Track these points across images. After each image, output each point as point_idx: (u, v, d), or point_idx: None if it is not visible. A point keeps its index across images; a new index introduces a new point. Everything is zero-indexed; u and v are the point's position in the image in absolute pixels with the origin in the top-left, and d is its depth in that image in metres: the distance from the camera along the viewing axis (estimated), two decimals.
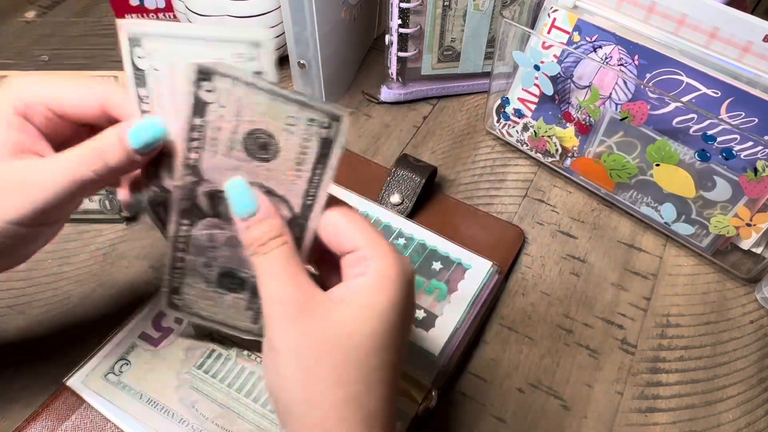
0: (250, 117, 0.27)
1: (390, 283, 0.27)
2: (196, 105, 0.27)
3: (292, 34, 0.56)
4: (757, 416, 0.42)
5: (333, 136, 0.27)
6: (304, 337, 0.26)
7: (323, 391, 0.26)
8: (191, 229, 0.31)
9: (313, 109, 0.27)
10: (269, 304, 0.27)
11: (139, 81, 0.29)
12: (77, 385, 0.38)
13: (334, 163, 0.28)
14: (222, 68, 0.26)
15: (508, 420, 0.41)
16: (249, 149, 0.28)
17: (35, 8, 0.75)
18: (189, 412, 0.37)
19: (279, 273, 0.27)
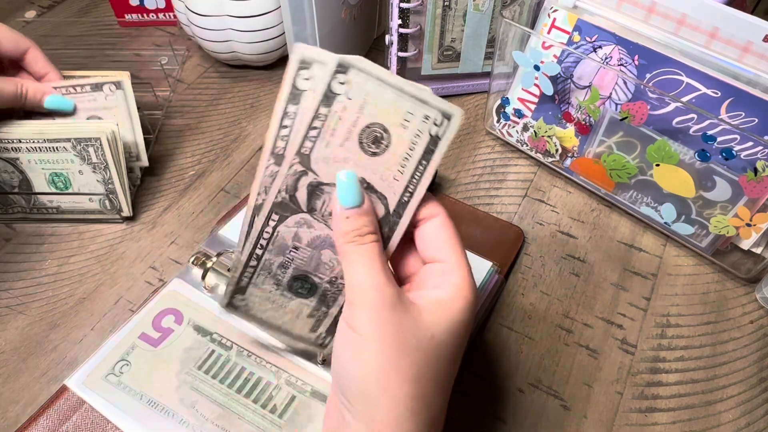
0: (372, 111, 0.28)
1: (464, 303, 0.29)
2: (326, 95, 0.28)
3: (292, 34, 0.56)
4: (757, 416, 0.42)
5: (442, 133, 0.28)
6: (393, 329, 0.27)
7: (402, 383, 0.26)
8: (278, 225, 0.31)
9: (430, 106, 0.28)
10: (362, 290, 0.28)
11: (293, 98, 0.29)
12: (77, 385, 0.38)
13: (437, 159, 0.29)
14: (361, 63, 0.28)
15: (508, 420, 0.41)
16: (362, 142, 0.29)
17: (35, 8, 0.75)
18: (189, 412, 0.37)
19: (375, 263, 0.29)
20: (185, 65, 0.67)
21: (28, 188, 0.49)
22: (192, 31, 0.62)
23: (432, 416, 0.27)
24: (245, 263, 0.33)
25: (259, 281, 0.34)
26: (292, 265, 0.33)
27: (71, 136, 0.46)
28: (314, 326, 0.35)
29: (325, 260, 0.32)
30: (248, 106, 0.63)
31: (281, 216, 0.31)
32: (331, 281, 0.33)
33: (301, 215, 0.31)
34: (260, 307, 0.35)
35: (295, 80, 0.28)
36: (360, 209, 0.29)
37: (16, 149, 0.47)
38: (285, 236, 0.32)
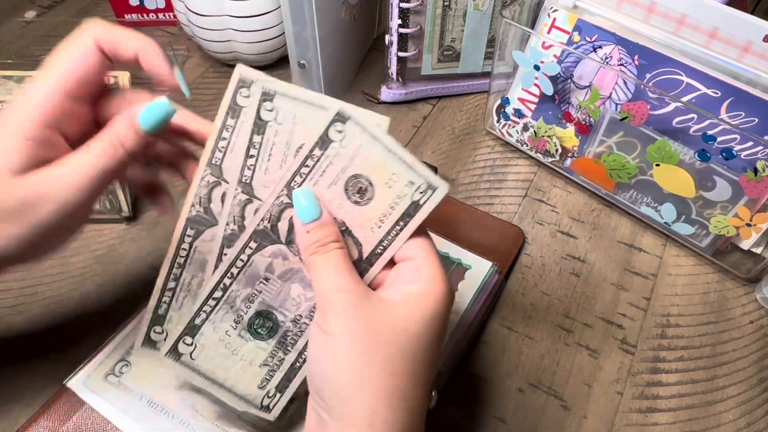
0: (361, 163, 0.30)
1: (438, 294, 0.29)
2: (322, 139, 0.30)
3: (292, 34, 0.56)
4: (757, 416, 0.42)
5: (423, 202, 0.29)
6: (363, 325, 0.27)
7: (375, 377, 0.27)
8: (254, 254, 0.32)
9: (416, 173, 0.29)
10: (329, 292, 0.28)
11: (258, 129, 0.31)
12: (78, 386, 0.38)
13: (413, 226, 0.30)
14: (359, 116, 0.29)
15: (508, 420, 0.41)
16: (347, 189, 0.30)
17: (35, 8, 0.75)
18: (189, 413, 0.37)
19: (339, 267, 0.29)
20: (185, 65, 0.67)
21: None
22: (192, 31, 0.62)
23: (410, 408, 0.27)
24: (209, 294, 0.32)
25: (218, 317, 0.32)
26: (258, 299, 0.32)
27: None
28: (264, 380, 0.33)
29: (293, 295, 0.32)
30: None
31: (259, 244, 0.32)
32: (295, 320, 0.32)
33: (279, 246, 0.32)
34: (208, 355, 0.33)
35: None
36: (319, 221, 0.30)
37: None
38: (259, 265, 0.32)
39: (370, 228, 0.30)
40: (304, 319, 0.32)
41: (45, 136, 0.30)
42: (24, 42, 0.69)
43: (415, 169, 0.29)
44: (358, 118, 0.29)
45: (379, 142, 0.29)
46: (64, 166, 0.30)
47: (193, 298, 0.33)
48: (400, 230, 0.30)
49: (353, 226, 0.31)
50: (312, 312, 0.32)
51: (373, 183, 0.30)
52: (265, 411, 0.33)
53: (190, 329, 0.33)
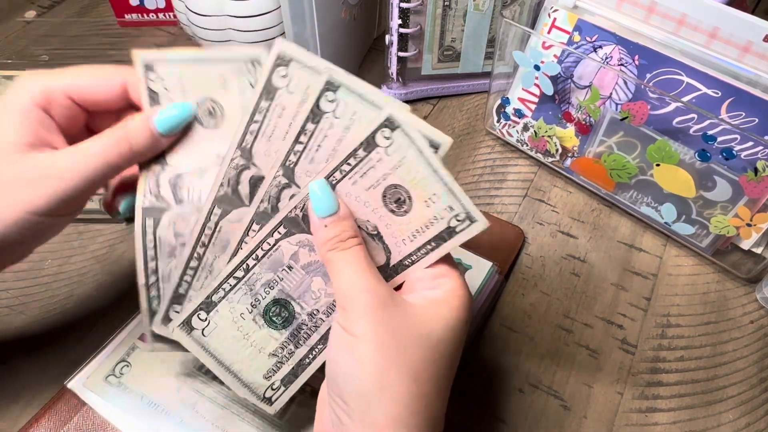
0: (403, 175, 0.29)
1: (460, 303, 0.29)
2: (368, 142, 0.29)
3: (292, 34, 0.56)
4: (757, 416, 0.42)
5: (460, 230, 0.29)
6: (389, 328, 0.27)
7: (400, 382, 0.26)
8: (282, 239, 0.31)
9: (458, 200, 0.29)
10: (352, 292, 0.28)
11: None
12: (78, 387, 0.38)
13: (444, 250, 0.29)
14: (409, 129, 0.28)
15: (508, 420, 0.41)
16: (385, 196, 0.29)
17: (35, 8, 0.75)
18: (189, 413, 0.37)
19: (361, 264, 0.28)
20: None
21: None
22: (192, 31, 0.62)
23: (432, 416, 0.27)
24: (231, 272, 0.32)
25: (236, 297, 0.32)
26: (278, 286, 0.32)
27: None
28: (271, 371, 0.32)
29: (314, 288, 0.32)
30: None
31: (288, 231, 0.31)
32: (311, 314, 0.32)
33: (307, 236, 0.31)
34: (219, 335, 0.32)
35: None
36: (337, 215, 0.29)
37: None
38: (284, 252, 0.31)
39: (402, 239, 0.30)
40: (321, 315, 0.32)
41: (40, 117, 0.30)
42: (24, 42, 0.69)
43: (456, 195, 0.29)
44: (408, 129, 0.28)
45: (425, 159, 0.28)
46: (72, 149, 0.30)
47: (215, 275, 0.33)
48: (431, 250, 0.30)
49: (385, 234, 0.30)
50: (330, 309, 0.32)
51: (412, 197, 0.29)
52: (267, 403, 0.33)
53: (206, 305, 0.32)
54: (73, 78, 0.31)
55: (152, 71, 0.29)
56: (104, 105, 0.33)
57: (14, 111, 0.30)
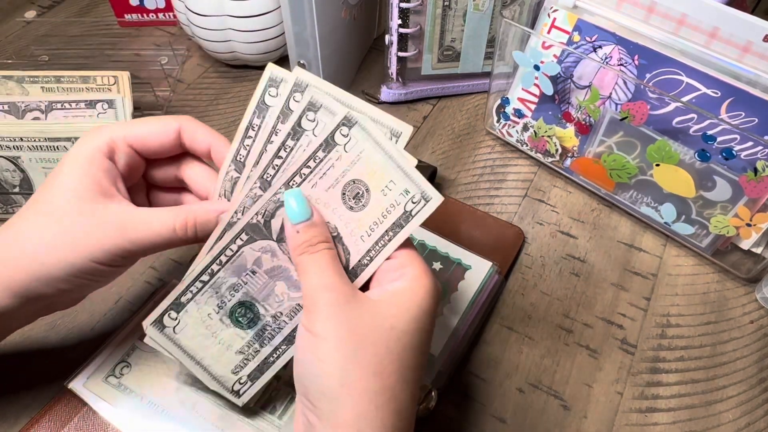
0: (361, 168, 0.30)
1: (424, 291, 0.29)
2: (326, 142, 0.30)
3: (292, 34, 0.56)
4: (757, 416, 0.42)
5: (416, 212, 0.29)
6: (349, 325, 0.27)
7: (362, 378, 0.26)
8: (245, 246, 0.32)
9: (413, 182, 0.29)
10: (315, 292, 0.28)
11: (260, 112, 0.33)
12: (78, 387, 0.38)
13: (402, 237, 0.30)
14: (366, 123, 0.29)
15: (508, 420, 0.41)
16: (344, 194, 0.30)
17: (35, 8, 0.75)
18: (189, 414, 0.37)
19: (328, 267, 0.29)
20: (185, 65, 0.67)
21: (29, 188, 0.49)
22: (192, 31, 0.62)
23: (398, 408, 0.27)
24: (196, 276, 0.33)
25: (203, 299, 0.33)
26: (242, 289, 0.33)
27: (72, 135, 0.46)
28: (238, 366, 0.34)
29: (277, 292, 0.33)
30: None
31: (250, 237, 0.32)
32: (275, 316, 0.33)
33: (269, 242, 0.32)
34: (188, 332, 0.34)
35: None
36: (309, 222, 0.30)
37: (18, 147, 0.47)
38: (247, 257, 0.32)
39: (360, 236, 0.30)
40: (284, 318, 0.33)
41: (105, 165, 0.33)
42: (24, 42, 0.69)
43: (411, 177, 0.29)
44: (366, 124, 0.29)
45: (381, 148, 0.29)
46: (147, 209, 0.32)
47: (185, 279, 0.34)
48: (389, 240, 0.30)
49: (344, 233, 0.31)
50: (293, 312, 0.33)
51: (370, 189, 0.30)
52: (235, 395, 0.35)
53: (176, 305, 0.33)
54: (133, 127, 0.34)
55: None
56: (161, 152, 0.35)
57: (81, 160, 0.32)
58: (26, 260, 0.31)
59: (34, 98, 0.50)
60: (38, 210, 0.32)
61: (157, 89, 0.62)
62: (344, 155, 0.30)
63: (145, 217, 0.32)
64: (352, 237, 0.31)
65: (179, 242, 0.32)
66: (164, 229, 0.32)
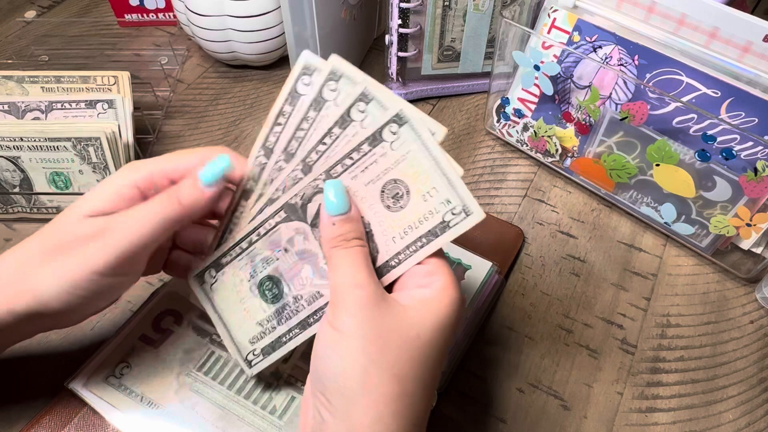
0: (405, 169, 0.29)
1: (450, 301, 0.29)
2: (374, 137, 0.29)
3: (292, 34, 0.56)
4: (757, 416, 0.42)
5: (454, 224, 0.29)
6: (375, 326, 0.27)
7: (384, 382, 0.26)
8: (282, 223, 0.33)
9: (456, 192, 0.29)
10: (345, 288, 0.28)
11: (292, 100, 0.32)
12: (79, 388, 0.38)
13: (435, 246, 0.29)
14: (417, 124, 0.29)
15: (508, 420, 0.41)
16: (383, 191, 0.30)
17: (35, 8, 0.75)
18: (189, 414, 0.37)
19: (360, 265, 0.29)
20: (185, 65, 0.67)
21: (29, 188, 0.49)
22: (192, 31, 0.62)
23: (414, 416, 0.27)
24: (237, 242, 0.34)
25: (239, 265, 0.35)
26: (273, 264, 0.34)
27: (71, 136, 0.46)
28: (255, 338, 0.35)
29: (303, 275, 0.33)
30: (248, 106, 0.63)
31: (287, 216, 0.32)
32: (296, 297, 0.33)
33: (303, 225, 0.32)
34: (223, 293, 0.35)
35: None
36: (346, 216, 0.30)
37: (18, 147, 0.47)
38: (282, 235, 0.33)
39: (392, 237, 0.30)
40: (303, 301, 0.33)
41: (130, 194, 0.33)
42: (24, 42, 0.69)
43: (455, 187, 0.29)
44: (416, 123, 0.29)
45: (429, 152, 0.29)
46: (127, 213, 0.32)
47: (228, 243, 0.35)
48: (421, 247, 0.30)
49: (377, 231, 0.30)
50: (312, 298, 0.33)
51: (411, 192, 0.29)
52: (247, 365, 0.36)
53: (216, 264, 0.35)
54: (176, 160, 0.34)
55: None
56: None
57: (111, 185, 0.33)
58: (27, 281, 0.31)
59: (34, 98, 0.50)
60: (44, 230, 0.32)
61: (157, 89, 0.62)
62: (390, 153, 0.29)
63: (133, 210, 0.32)
64: (384, 236, 0.30)
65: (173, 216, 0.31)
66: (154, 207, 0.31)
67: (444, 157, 0.29)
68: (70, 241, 0.31)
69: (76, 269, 0.30)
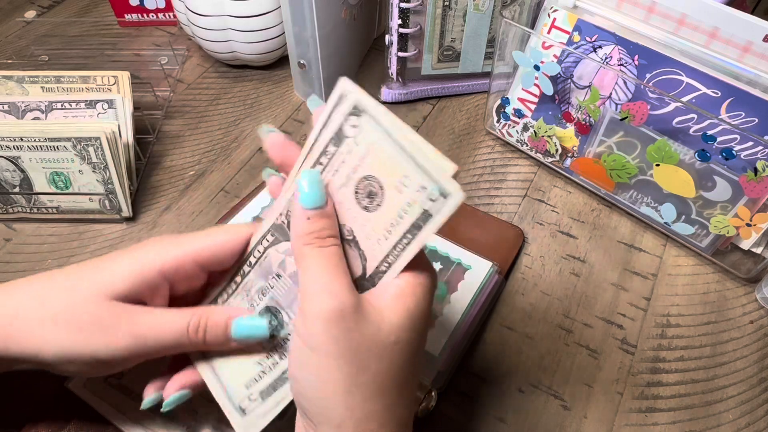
0: (373, 162, 0.26)
1: (423, 288, 0.26)
2: (337, 134, 0.27)
3: (292, 34, 0.56)
4: (757, 416, 0.42)
5: (435, 211, 0.25)
6: (351, 340, 0.25)
7: (367, 400, 0.25)
8: (270, 247, 0.31)
9: (428, 175, 0.25)
10: (317, 297, 0.25)
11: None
12: (78, 388, 0.38)
13: (422, 238, 0.26)
14: (374, 110, 0.26)
15: (508, 420, 0.41)
16: (357, 192, 0.27)
17: (35, 8, 0.75)
18: (190, 415, 0.37)
19: (333, 268, 0.26)
20: (185, 65, 0.67)
21: (28, 187, 0.49)
22: (192, 31, 0.62)
23: (399, 420, 0.27)
24: (231, 277, 0.32)
25: (235, 302, 0.32)
26: (269, 294, 0.31)
27: (71, 136, 0.46)
28: (252, 381, 0.31)
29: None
30: (248, 106, 0.63)
31: (276, 239, 0.31)
32: None
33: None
34: None
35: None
36: (323, 211, 0.27)
37: (18, 147, 0.47)
38: (272, 260, 0.31)
39: (377, 240, 0.27)
40: None
41: (156, 282, 0.30)
42: (24, 42, 0.69)
43: (426, 170, 0.25)
44: (375, 111, 0.26)
45: (391, 136, 0.26)
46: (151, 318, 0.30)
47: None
48: (408, 243, 0.26)
49: (360, 237, 0.28)
50: None
51: (384, 186, 0.26)
52: (240, 413, 0.32)
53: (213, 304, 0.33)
54: (206, 242, 0.31)
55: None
56: (226, 264, 0.33)
57: (136, 265, 0.30)
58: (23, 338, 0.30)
59: (34, 98, 0.50)
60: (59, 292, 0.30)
61: (157, 89, 0.62)
62: (355, 149, 0.27)
63: (157, 315, 0.30)
64: (369, 241, 0.27)
65: (188, 344, 0.30)
66: (176, 327, 0.30)
67: (407, 137, 0.25)
68: (86, 322, 0.29)
69: (83, 352, 0.29)
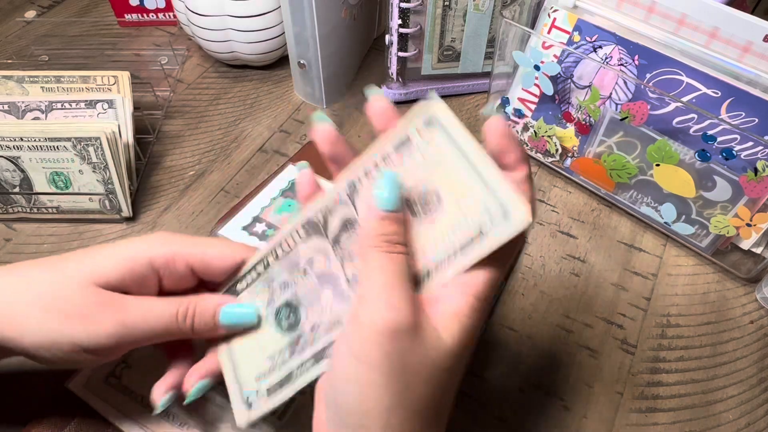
0: (437, 176, 0.26)
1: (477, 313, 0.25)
2: (402, 142, 0.27)
3: (292, 34, 0.56)
4: (757, 416, 0.42)
5: (493, 232, 0.24)
6: (404, 360, 0.24)
7: (406, 419, 0.24)
8: (301, 242, 0.30)
9: (494, 197, 0.24)
10: (375, 306, 0.24)
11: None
12: (78, 388, 0.38)
13: (474, 257, 0.24)
14: (448, 124, 0.25)
15: (508, 420, 0.41)
16: (415, 201, 0.26)
17: (35, 8, 0.75)
18: (189, 415, 0.37)
19: (397, 278, 0.25)
20: (185, 65, 0.67)
21: (29, 187, 0.49)
22: (192, 31, 0.62)
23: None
24: (252, 266, 0.32)
25: (255, 290, 0.32)
26: (291, 288, 0.31)
27: (71, 136, 0.46)
28: (263, 374, 0.31)
29: (323, 300, 0.29)
30: (248, 106, 0.63)
31: (307, 234, 0.30)
32: (313, 327, 0.29)
33: (325, 243, 0.29)
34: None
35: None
36: (397, 215, 0.26)
37: (18, 147, 0.47)
38: (300, 255, 0.30)
39: (425, 250, 0.26)
40: (320, 331, 0.29)
41: (144, 273, 0.31)
42: (24, 42, 0.69)
43: (495, 191, 0.24)
44: (448, 125, 0.25)
45: (464, 155, 0.25)
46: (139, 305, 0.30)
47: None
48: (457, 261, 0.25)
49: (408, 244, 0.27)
50: (332, 326, 0.29)
51: (443, 199, 0.25)
52: (246, 406, 0.31)
53: (231, 292, 0.33)
54: (201, 248, 0.32)
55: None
56: (218, 277, 0.33)
57: (125, 255, 0.31)
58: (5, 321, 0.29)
59: (34, 98, 0.50)
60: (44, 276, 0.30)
61: (157, 89, 0.62)
62: (419, 159, 0.26)
63: (146, 302, 0.30)
64: (417, 252, 0.26)
65: (177, 332, 0.31)
66: (165, 314, 0.30)
67: (478, 154, 0.24)
68: (70, 307, 0.29)
69: (68, 337, 0.29)
